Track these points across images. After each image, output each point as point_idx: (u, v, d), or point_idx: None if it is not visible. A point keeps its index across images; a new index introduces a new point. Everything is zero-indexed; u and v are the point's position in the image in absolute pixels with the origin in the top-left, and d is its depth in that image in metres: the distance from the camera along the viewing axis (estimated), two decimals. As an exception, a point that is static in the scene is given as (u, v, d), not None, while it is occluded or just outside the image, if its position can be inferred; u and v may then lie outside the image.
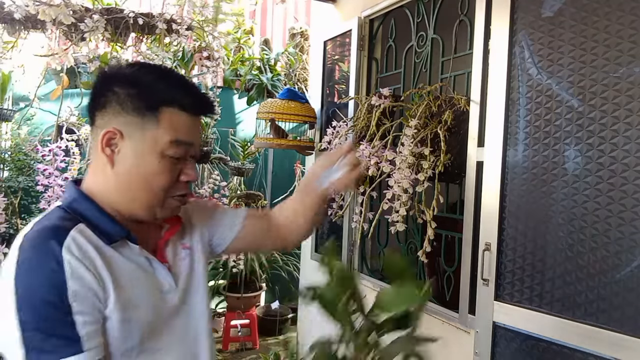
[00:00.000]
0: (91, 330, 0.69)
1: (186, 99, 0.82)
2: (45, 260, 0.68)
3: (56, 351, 0.65)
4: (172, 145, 0.80)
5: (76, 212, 0.78)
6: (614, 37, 1.29)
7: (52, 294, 0.66)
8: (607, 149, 1.29)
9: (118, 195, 0.81)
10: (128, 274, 0.79)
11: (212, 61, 2.10)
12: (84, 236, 0.74)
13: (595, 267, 1.32)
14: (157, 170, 0.80)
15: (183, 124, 0.82)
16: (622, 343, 1.23)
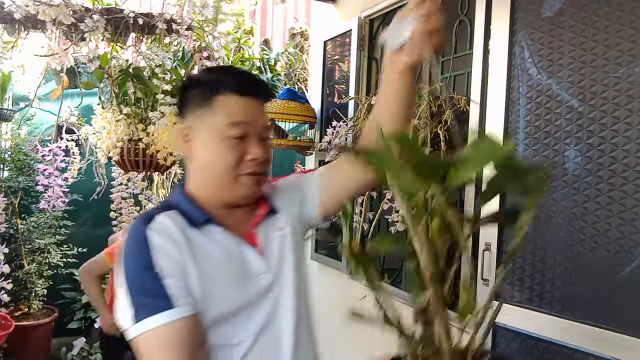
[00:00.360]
0: (180, 291, 0.81)
1: (235, 83, 0.91)
2: (137, 240, 0.84)
3: (154, 307, 0.79)
4: (228, 127, 0.88)
5: (171, 203, 0.93)
6: (614, 37, 1.29)
7: (144, 265, 0.81)
8: (607, 149, 1.29)
9: (201, 183, 0.93)
10: (208, 254, 0.86)
11: (212, 61, 2.09)
12: (171, 219, 0.87)
13: (595, 267, 1.32)
14: (221, 153, 0.88)
15: (235, 106, 0.90)
16: (623, 343, 1.23)
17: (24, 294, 3.16)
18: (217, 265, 0.87)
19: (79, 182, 2.92)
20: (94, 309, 3.34)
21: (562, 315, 1.38)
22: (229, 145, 0.88)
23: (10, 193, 3.13)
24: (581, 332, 1.32)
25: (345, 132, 2.13)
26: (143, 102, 1.95)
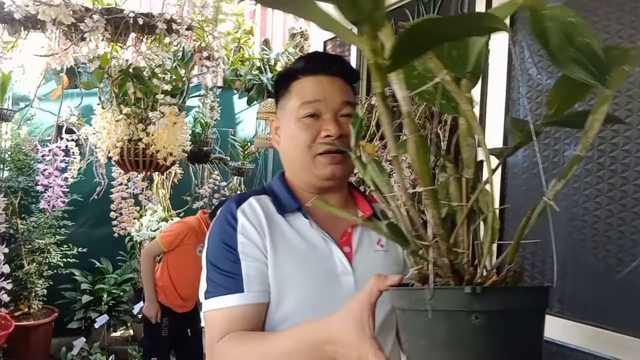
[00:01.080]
0: (255, 275, 0.82)
1: (307, 65, 0.93)
2: (226, 216, 0.87)
3: (223, 287, 0.81)
4: (300, 107, 0.89)
5: (267, 188, 0.96)
6: (614, 37, 1.29)
7: (226, 241, 0.84)
8: (607, 149, 1.29)
9: (289, 170, 0.95)
10: (290, 243, 0.86)
11: (212, 61, 2.10)
12: (260, 203, 0.89)
13: (595, 267, 1.32)
14: (298, 132, 0.89)
15: (308, 87, 0.91)
16: (623, 343, 1.23)
17: (24, 294, 3.16)
18: (297, 257, 0.85)
19: (79, 182, 2.92)
20: (94, 309, 3.35)
21: (562, 315, 1.38)
22: (303, 125, 0.89)
23: (10, 193, 3.13)
24: (581, 332, 1.32)
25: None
26: (143, 102, 1.95)
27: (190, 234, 2.55)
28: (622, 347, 1.23)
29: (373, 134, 1.87)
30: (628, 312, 1.24)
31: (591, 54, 0.42)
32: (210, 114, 3.07)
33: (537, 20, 0.45)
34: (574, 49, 0.42)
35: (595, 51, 0.42)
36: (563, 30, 0.43)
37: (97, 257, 3.65)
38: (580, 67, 0.42)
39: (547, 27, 0.44)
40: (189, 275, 2.51)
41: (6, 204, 2.90)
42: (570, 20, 0.42)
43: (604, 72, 0.42)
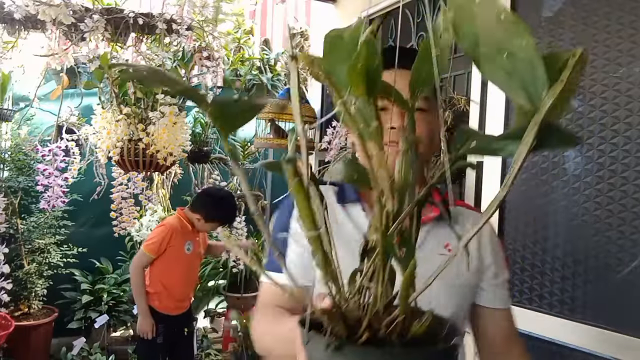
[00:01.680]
0: (294, 260, 0.89)
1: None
2: (286, 205, 0.95)
3: (272, 263, 0.90)
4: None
5: (334, 184, 0.98)
6: (614, 37, 1.29)
7: (282, 225, 0.93)
8: (607, 149, 1.29)
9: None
10: (344, 233, 0.88)
11: (212, 61, 2.10)
12: (327, 193, 0.92)
13: (595, 267, 1.32)
14: None
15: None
16: (623, 343, 1.23)
17: (24, 294, 3.16)
18: (347, 246, 0.84)
19: (79, 182, 2.91)
20: (94, 309, 3.34)
21: (562, 315, 1.38)
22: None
23: (10, 193, 3.13)
24: (581, 332, 1.32)
25: (345, 132, 2.13)
26: (143, 102, 1.95)
27: (175, 235, 2.46)
28: (622, 347, 1.23)
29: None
30: (628, 312, 1.24)
31: (528, 65, 0.33)
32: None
33: (463, 19, 0.37)
34: (507, 58, 0.34)
35: (533, 62, 0.33)
36: (493, 33, 0.35)
37: (97, 257, 3.65)
38: (516, 83, 0.34)
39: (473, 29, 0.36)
40: (181, 276, 2.48)
41: (6, 204, 2.90)
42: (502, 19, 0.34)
43: (540, 93, 0.33)
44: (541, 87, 0.33)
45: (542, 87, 0.33)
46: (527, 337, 1.45)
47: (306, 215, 0.43)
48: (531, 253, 1.47)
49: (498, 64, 0.34)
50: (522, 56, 0.33)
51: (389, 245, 0.42)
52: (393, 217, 0.42)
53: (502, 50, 0.34)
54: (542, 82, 0.33)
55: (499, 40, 0.34)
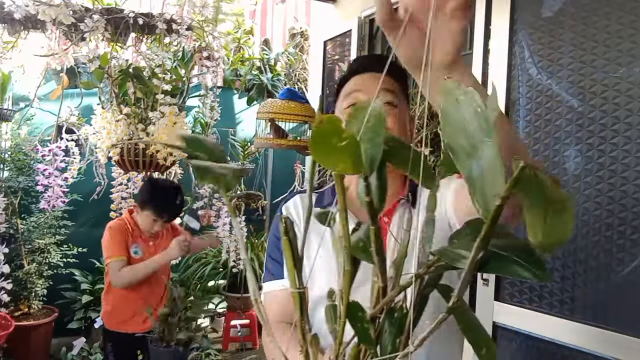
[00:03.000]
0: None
1: (352, 67, 1.00)
2: (277, 212, 1.02)
3: (271, 272, 0.95)
4: (344, 100, 0.97)
5: (319, 188, 1.07)
6: (614, 37, 1.29)
7: (275, 234, 0.99)
8: (607, 149, 1.29)
9: None
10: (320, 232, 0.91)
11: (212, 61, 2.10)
12: (303, 200, 1.01)
13: (595, 267, 1.32)
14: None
15: (351, 83, 0.97)
16: (623, 343, 1.23)
17: (24, 294, 3.16)
18: (325, 247, 0.85)
19: (79, 182, 2.91)
20: (94, 309, 3.34)
21: (562, 315, 1.38)
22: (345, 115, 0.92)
23: (10, 193, 3.13)
24: (581, 332, 1.32)
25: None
26: (143, 102, 1.94)
27: (125, 236, 2.19)
28: (622, 347, 1.23)
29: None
30: (628, 312, 1.24)
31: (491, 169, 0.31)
32: (210, 114, 3.07)
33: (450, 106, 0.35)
34: (481, 156, 0.31)
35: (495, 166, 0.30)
36: (471, 127, 0.32)
37: (97, 257, 3.64)
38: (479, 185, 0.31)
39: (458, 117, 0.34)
40: (136, 285, 2.13)
41: (6, 204, 2.90)
42: (479, 113, 0.32)
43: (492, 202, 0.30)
44: (496, 196, 0.29)
45: (497, 196, 0.29)
46: (527, 337, 1.45)
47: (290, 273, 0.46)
48: (531, 253, 1.47)
49: (474, 162, 0.32)
50: (487, 159, 0.31)
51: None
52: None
53: (477, 148, 0.32)
54: (498, 190, 0.29)
55: (474, 137, 0.32)
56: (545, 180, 0.30)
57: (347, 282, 0.42)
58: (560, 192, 0.30)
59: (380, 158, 0.36)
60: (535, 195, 0.30)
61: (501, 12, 1.56)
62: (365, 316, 0.40)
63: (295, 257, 0.45)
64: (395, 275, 0.42)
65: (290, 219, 0.50)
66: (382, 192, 0.38)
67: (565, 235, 0.31)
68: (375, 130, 0.36)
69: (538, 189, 0.30)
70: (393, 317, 0.40)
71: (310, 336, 0.46)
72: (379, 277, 0.41)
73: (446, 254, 0.35)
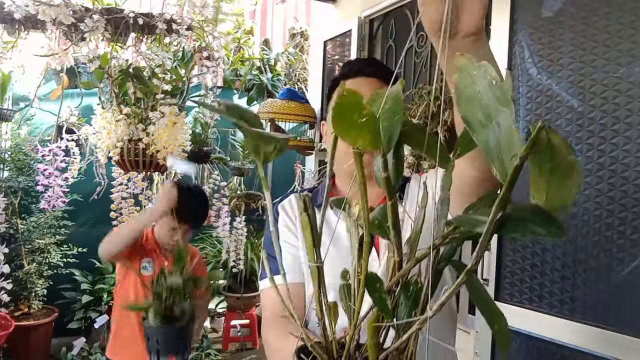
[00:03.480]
0: (290, 259, 0.97)
1: (344, 70, 1.02)
2: (273, 211, 0.99)
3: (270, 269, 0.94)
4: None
5: (313, 188, 1.10)
6: (614, 37, 1.29)
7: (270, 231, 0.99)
8: (607, 149, 1.29)
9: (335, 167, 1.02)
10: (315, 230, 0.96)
11: (212, 61, 2.09)
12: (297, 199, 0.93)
13: (595, 267, 1.32)
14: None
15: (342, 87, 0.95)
16: (623, 343, 1.23)
17: (24, 294, 3.16)
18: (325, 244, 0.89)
19: (79, 182, 2.91)
20: (94, 309, 3.35)
21: (562, 315, 1.38)
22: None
23: (10, 193, 3.13)
24: (581, 332, 1.32)
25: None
26: (143, 102, 1.94)
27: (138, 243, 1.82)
28: (622, 347, 1.23)
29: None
30: (628, 312, 1.24)
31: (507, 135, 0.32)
32: (210, 114, 3.07)
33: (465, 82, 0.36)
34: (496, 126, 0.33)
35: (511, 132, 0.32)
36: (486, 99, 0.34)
37: (97, 257, 3.63)
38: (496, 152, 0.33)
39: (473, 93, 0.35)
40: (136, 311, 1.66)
41: (6, 204, 2.90)
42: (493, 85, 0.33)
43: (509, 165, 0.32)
44: (513, 159, 0.31)
45: (514, 159, 0.31)
46: (527, 337, 1.45)
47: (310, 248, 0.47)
48: (531, 253, 1.47)
49: (490, 132, 0.34)
50: (504, 126, 0.33)
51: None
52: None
53: (492, 117, 0.34)
54: (515, 153, 0.31)
55: (489, 107, 0.34)
56: (560, 144, 0.31)
57: (366, 253, 0.42)
58: (571, 157, 0.31)
59: (397, 136, 0.38)
60: (545, 158, 0.31)
61: (501, 12, 1.56)
62: (382, 287, 0.41)
63: (314, 234, 0.47)
64: (410, 250, 0.43)
65: (309, 197, 0.51)
66: (398, 170, 0.40)
67: (568, 199, 0.33)
68: (393, 111, 0.38)
69: (550, 152, 0.31)
70: (409, 290, 0.42)
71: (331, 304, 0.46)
72: (395, 251, 0.43)
73: (466, 220, 0.37)
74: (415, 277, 0.43)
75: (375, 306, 0.41)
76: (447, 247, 0.42)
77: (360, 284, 0.42)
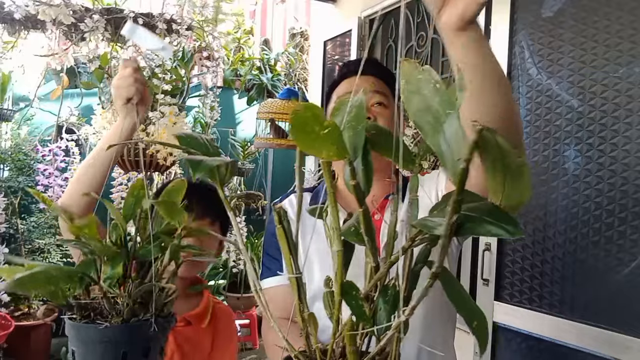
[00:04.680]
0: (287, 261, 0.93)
1: (343, 71, 1.02)
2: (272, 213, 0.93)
3: (269, 268, 0.96)
4: (334, 104, 0.99)
5: (313, 188, 1.09)
6: (614, 37, 1.29)
7: (271, 234, 1.00)
8: (607, 149, 1.29)
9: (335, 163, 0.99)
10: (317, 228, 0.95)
11: (212, 61, 2.09)
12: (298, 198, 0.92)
13: (595, 267, 1.32)
14: None
15: (343, 86, 1.01)
16: (623, 343, 1.23)
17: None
18: (320, 244, 0.88)
19: (79, 182, 2.91)
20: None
21: (562, 315, 1.38)
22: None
23: (10, 193, 3.12)
24: (581, 332, 1.32)
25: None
26: (143, 102, 1.94)
27: None
28: (622, 347, 1.23)
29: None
30: (628, 312, 1.24)
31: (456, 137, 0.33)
32: (210, 114, 3.07)
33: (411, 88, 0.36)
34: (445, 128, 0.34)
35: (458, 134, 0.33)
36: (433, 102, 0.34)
37: (97, 257, 3.66)
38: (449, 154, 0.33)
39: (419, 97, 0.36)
40: None
41: (6, 204, 2.89)
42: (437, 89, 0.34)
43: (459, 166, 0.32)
44: (460, 160, 0.31)
45: (461, 160, 0.31)
46: (527, 337, 1.45)
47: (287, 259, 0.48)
48: (531, 253, 1.47)
49: (440, 134, 0.34)
50: (451, 129, 0.33)
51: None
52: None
53: (441, 121, 0.34)
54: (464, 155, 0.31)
55: (439, 111, 0.34)
56: (505, 145, 0.32)
57: (339, 262, 0.43)
58: (518, 157, 0.32)
59: (363, 144, 0.38)
60: (494, 160, 0.32)
61: (501, 12, 1.56)
62: (359, 294, 0.41)
63: (290, 244, 0.48)
64: (386, 255, 0.44)
65: (284, 209, 0.52)
66: (368, 176, 0.40)
67: (523, 198, 0.34)
68: (357, 119, 0.38)
69: (497, 154, 0.32)
70: (387, 294, 0.42)
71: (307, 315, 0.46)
72: (370, 257, 0.43)
73: (424, 224, 0.37)
74: (393, 281, 0.43)
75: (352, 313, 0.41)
76: (421, 249, 0.42)
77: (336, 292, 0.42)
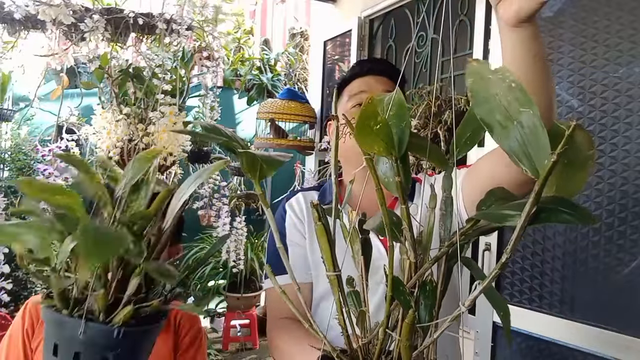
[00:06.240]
0: (297, 259, 0.95)
1: (355, 69, 1.03)
2: (280, 211, 1.03)
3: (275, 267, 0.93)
4: (349, 101, 1.00)
5: (322, 183, 1.10)
6: (614, 37, 1.29)
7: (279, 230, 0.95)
8: (607, 149, 1.29)
9: (343, 161, 1.03)
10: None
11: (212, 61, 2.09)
12: (305, 197, 1.02)
13: (595, 268, 1.32)
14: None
15: (355, 85, 1.01)
16: (623, 343, 1.23)
17: (24, 294, 3.16)
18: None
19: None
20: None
21: (562, 315, 1.38)
22: (350, 115, 0.95)
23: (10, 193, 3.13)
24: (581, 332, 1.32)
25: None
26: (143, 102, 1.94)
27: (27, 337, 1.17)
28: (622, 347, 1.23)
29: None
30: (628, 312, 1.24)
31: (533, 135, 0.34)
32: (210, 114, 3.07)
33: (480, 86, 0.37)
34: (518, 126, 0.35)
35: (537, 132, 0.34)
36: (505, 101, 0.36)
37: (97, 257, 3.66)
38: (524, 151, 0.35)
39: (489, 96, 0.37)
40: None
41: (6, 204, 2.90)
42: (512, 88, 0.35)
43: (542, 163, 0.34)
44: (544, 157, 0.33)
45: (545, 157, 0.33)
46: (527, 337, 1.45)
47: (327, 257, 0.49)
48: (531, 253, 1.47)
49: (511, 132, 0.35)
50: (528, 125, 0.34)
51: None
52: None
53: (513, 118, 0.35)
54: (545, 152, 0.33)
55: (510, 109, 0.35)
56: (583, 139, 0.36)
57: (390, 258, 0.44)
58: (590, 152, 0.36)
59: (407, 140, 0.40)
60: (564, 153, 0.33)
61: (501, 12, 1.56)
62: (406, 289, 0.43)
63: (330, 241, 0.49)
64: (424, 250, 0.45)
65: (321, 206, 0.52)
66: (407, 174, 0.43)
67: (576, 191, 0.37)
68: (399, 117, 0.39)
69: (571, 148, 0.35)
70: (426, 290, 0.44)
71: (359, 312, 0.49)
72: (409, 253, 0.44)
73: (491, 215, 0.39)
74: (429, 277, 0.44)
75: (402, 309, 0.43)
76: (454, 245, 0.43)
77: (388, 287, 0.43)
